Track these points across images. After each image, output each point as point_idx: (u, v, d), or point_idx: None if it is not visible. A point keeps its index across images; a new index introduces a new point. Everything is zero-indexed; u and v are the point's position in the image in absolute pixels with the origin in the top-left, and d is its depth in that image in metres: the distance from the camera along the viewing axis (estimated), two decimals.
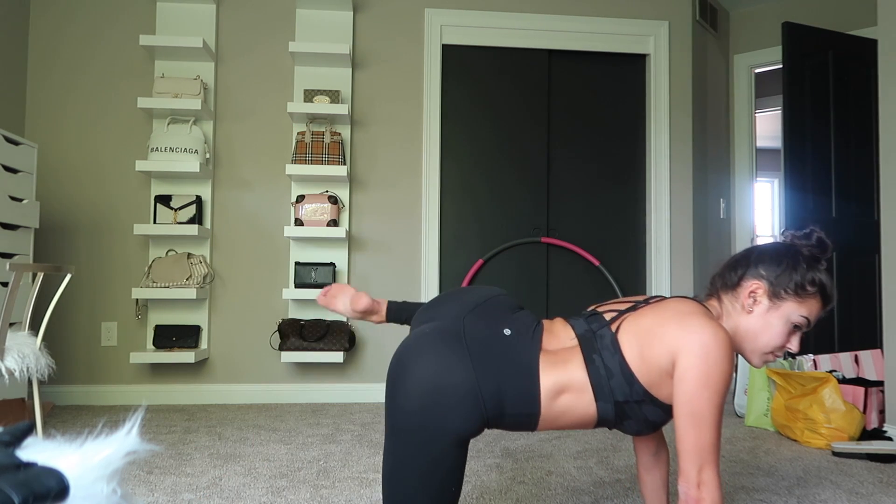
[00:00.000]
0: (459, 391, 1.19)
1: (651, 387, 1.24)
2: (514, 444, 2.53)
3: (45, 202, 3.42)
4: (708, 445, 1.16)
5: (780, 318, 1.29)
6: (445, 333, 1.25)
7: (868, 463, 2.30)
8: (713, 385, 1.17)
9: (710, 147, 4.10)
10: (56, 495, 0.51)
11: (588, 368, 1.24)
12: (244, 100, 3.54)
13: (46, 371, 2.03)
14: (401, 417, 1.20)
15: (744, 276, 1.32)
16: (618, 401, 1.24)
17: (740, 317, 1.32)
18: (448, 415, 1.18)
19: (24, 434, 0.58)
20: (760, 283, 1.30)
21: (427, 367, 1.20)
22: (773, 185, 7.79)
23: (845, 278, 3.74)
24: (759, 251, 1.34)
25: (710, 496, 1.15)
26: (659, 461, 1.53)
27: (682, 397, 1.18)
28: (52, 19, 3.46)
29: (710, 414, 1.16)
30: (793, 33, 3.68)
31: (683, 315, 1.23)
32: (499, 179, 3.72)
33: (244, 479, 2.04)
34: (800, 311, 1.29)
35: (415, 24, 3.65)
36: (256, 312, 3.49)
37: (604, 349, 1.26)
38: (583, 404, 1.24)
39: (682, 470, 1.18)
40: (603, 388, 1.24)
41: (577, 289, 3.75)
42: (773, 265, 1.30)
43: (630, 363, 1.23)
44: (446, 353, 1.21)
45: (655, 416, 1.27)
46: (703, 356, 1.17)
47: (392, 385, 1.23)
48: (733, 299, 1.33)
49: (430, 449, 1.19)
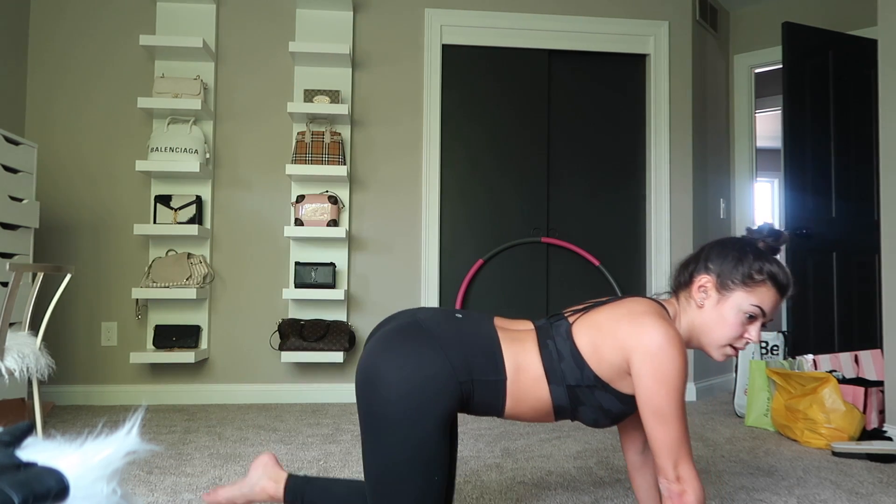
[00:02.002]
0: (432, 368, 1.24)
1: (606, 379, 1.28)
2: (514, 444, 2.53)
3: (45, 202, 3.42)
4: (677, 440, 1.22)
5: (732, 309, 1.31)
6: (403, 327, 1.31)
7: (868, 463, 2.30)
8: (668, 381, 1.21)
9: (710, 147, 4.10)
10: (56, 495, 0.51)
11: (541, 353, 1.30)
12: (244, 100, 3.54)
13: (46, 371, 2.03)
14: (382, 413, 1.24)
15: (694, 272, 1.36)
16: (569, 384, 1.29)
17: (695, 313, 1.35)
18: (428, 395, 1.23)
19: (24, 434, 0.58)
20: (709, 276, 1.34)
21: (397, 356, 1.25)
22: (773, 185, 7.78)
23: (845, 278, 3.74)
24: (710, 247, 1.38)
25: (690, 488, 1.21)
26: (647, 460, 1.54)
27: (643, 397, 1.23)
28: (52, 19, 3.46)
29: (670, 409, 1.21)
30: (793, 33, 3.68)
31: (635, 314, 1.28)
32: (499, 179, 3.72)
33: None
34: (750, 301, 1.30)
35: (415, 24, 3.65)
36: (256, 312, 3.49)
37: (557, 336, 1.32)
38: (537, 386, 1.30)
39: (659, 467, 1.24)
40: (555, 371, 1.29)
41: (577, 289, 3.75)
42: (719, 258, 1.34)
43: (581, 350, 1.29)
44: (411, 339, 1.27)
45: (610, 404, 1.31)
46: (653, 354, 1.22)
47: (365, 387, 1.27)
48: (687, 296, 1.37)
49: (413, 438, 1.22)
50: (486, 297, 3.68)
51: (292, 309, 3.49)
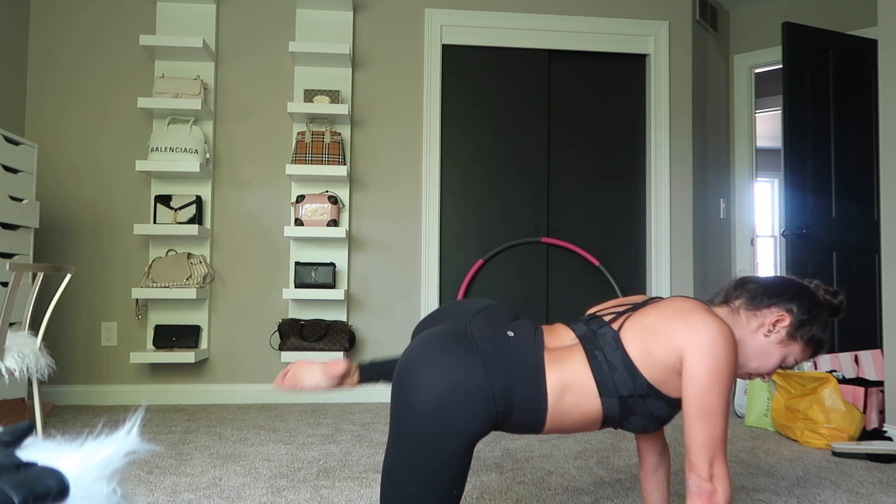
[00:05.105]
0: (472, 388, 1.21)
1: (657, 383, 1.26)
2: (514, 445, 2.53)
3: (45, 202, 3.42)
4: (718, 438, 1.21)
5: (781, 353, 1.36)
6: (453, 334, 1.27)
7: (868, 463, 2.30)
8: (721, 379, 1.21)
9: (710, 147, 4.10)
10: (56, 495, 0.51)
11: (591, 364, 1.27)
12: (244, 100, 3.54)
13: (46, 371, 2.03)
14: (412, 420, 1.21)
15: (776, 304, 1.37)
16: (622, 395, 1.26)
17: (749, 332, 1.36)
18: (461, 415, 1.20)
19: (24, 434, 0.58)
20: (790, 317, 1.35)
21: (440, 367, 1.22)
22: (773, 185, 7.79)
23: (845, 278, 3.74)
24: (800, 291, 1.39)
25: (722, 487, 1.20)
26: (664, 461, 1.55)
27: (692, 392, 1.21)
28: (52, 19, 3.46)
29: (719, 407, 1.21)
30: (793, 33, 3.68)
31: (687, 312, 1.26)
32: (499, 179, 3.72)
33: (244, 479, 2.04)
34: (797, 356, 1.37)
35: (415, 24, 3.65)
36: (256, 312, 3.49)
37: (605, 346, 1.28)
38: (587, 401, 1.26)
39: (694, 464, 1.21)
40: (607, 382, 1.26)
41: (577, 289, 3.75)
42: (804, 310, 1.36)
43: (633, 358, 1.26)
44: (457, 352, 1.24)
45: (660, 411, 1.29)
46: (710, 352, 1.21)
47: (401, 388, 1.24)
48: (751, 316, 1.37)
49: (439, 451, 1.20)
50: (486, 297, 3.68)
51: (292, 309, 3.49)
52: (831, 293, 1.41)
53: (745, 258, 4.24)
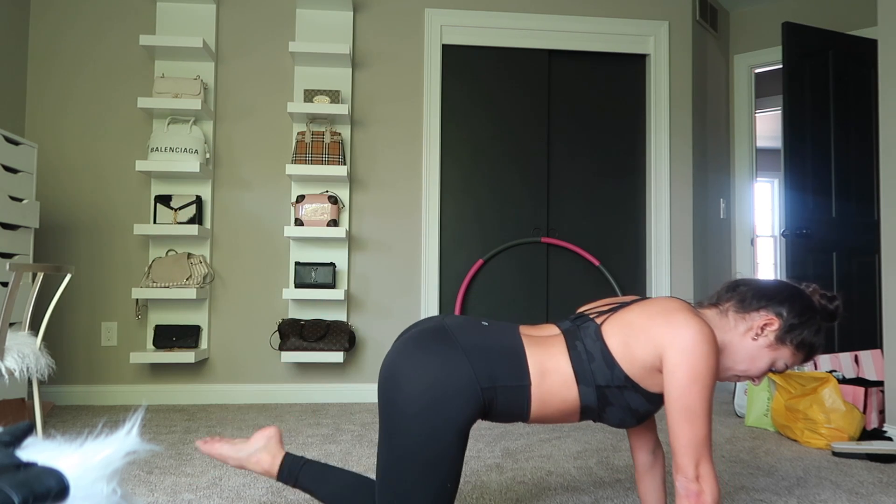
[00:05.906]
0: (456, 378, 1.25)
1: (635, 377, 1.28)
2: (514, 444, 2.53)
3: (45, 202, 3.42)
4: (702, 439, 1.22)
5: (770, 357, 1.35)
6: (430, 332, 1.32)
7: (868, 463, 2.30)
8: (702, 379, 1.22)
9: (710, 147, 4.10)
10: (56, 495, 0.51)
11: (570, 354, 1.30)
12: (244, 100, 3.54)
13: (46, 371, 2.03)
14: (403, 420, 1.24)
15: (766, 308, 1.35)
16: (599, 385, 1.29)
17: (737, 335, 1.36)
18: (450, 405, 1.23)
19: (24, 434, 0.58)
20: (779, 321, 1.34)
21: (422, 363, 1.26)
22: (773, 185, 7.79)
23: (845, 278, 3.74)
24: (791, 295, 1.38)
25: (708, 488, 1.21)
26: (657, 460, 1.55)
27: (674, 393, 1.23)
28: (52, 19, 3.46)
29: (701, 408, 1.22)
30: (793, 33, 3.68)
31: (669, 312, 1.28)
32: (499, 179, 3.72)
33: (244, 479, 2.04)
34: (788, 360, 1.36)
35: (415, 24, 3.65)
36: (256, 312, 3.49)
37: (586, 337, 1.32)
38: (565, 388, 1.29)
39: (679, 465, 1.23)
40: (585, 371, 1.29)
41: (577, 289, 3.75)
42: (794, 314, 1.35)
43: (613, 351, 1.29)
44: (435, 346, 1.28)
45: (638, 405, 1.31)
46: (690, 352, 1.22)
47: (388, 391, 1.27)
48: (740, 319, 1.37)
49: (432, 445, 1.23)
50: (486, 297, 3.68)
51: (292, 309, 3.49)
52: (828, 298, 1.41)
53: (745, 258, 4.24)
